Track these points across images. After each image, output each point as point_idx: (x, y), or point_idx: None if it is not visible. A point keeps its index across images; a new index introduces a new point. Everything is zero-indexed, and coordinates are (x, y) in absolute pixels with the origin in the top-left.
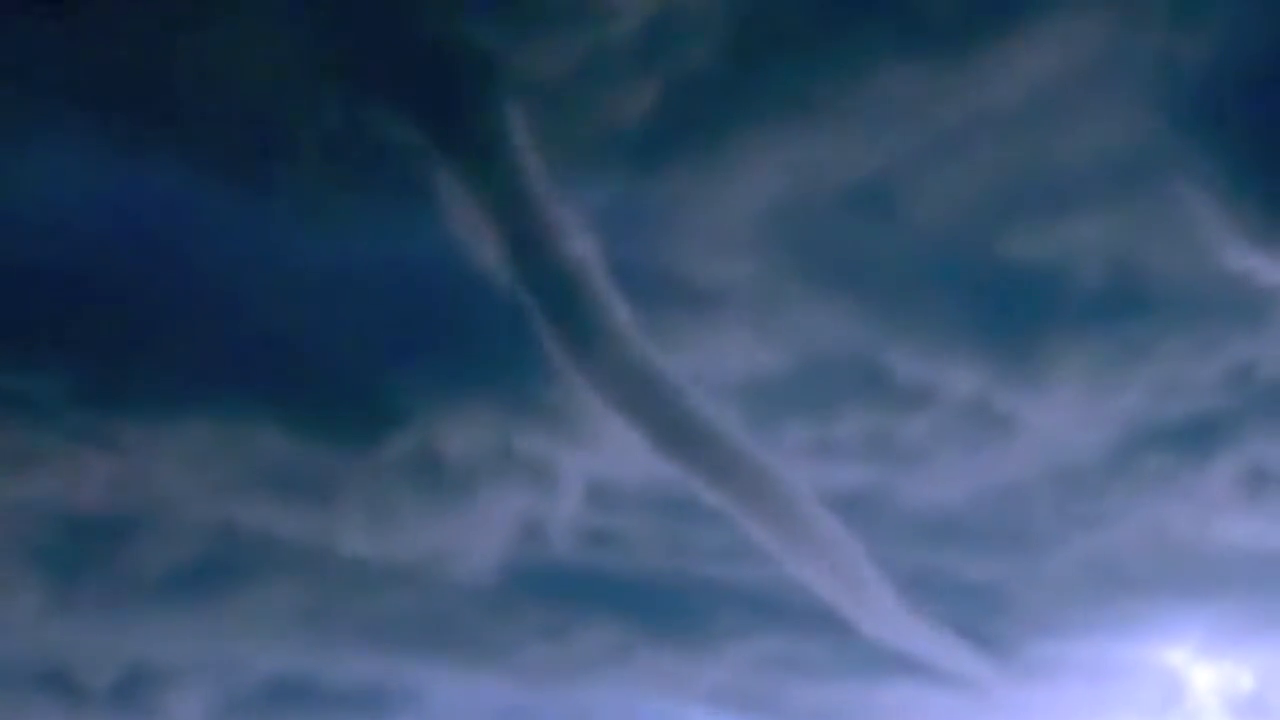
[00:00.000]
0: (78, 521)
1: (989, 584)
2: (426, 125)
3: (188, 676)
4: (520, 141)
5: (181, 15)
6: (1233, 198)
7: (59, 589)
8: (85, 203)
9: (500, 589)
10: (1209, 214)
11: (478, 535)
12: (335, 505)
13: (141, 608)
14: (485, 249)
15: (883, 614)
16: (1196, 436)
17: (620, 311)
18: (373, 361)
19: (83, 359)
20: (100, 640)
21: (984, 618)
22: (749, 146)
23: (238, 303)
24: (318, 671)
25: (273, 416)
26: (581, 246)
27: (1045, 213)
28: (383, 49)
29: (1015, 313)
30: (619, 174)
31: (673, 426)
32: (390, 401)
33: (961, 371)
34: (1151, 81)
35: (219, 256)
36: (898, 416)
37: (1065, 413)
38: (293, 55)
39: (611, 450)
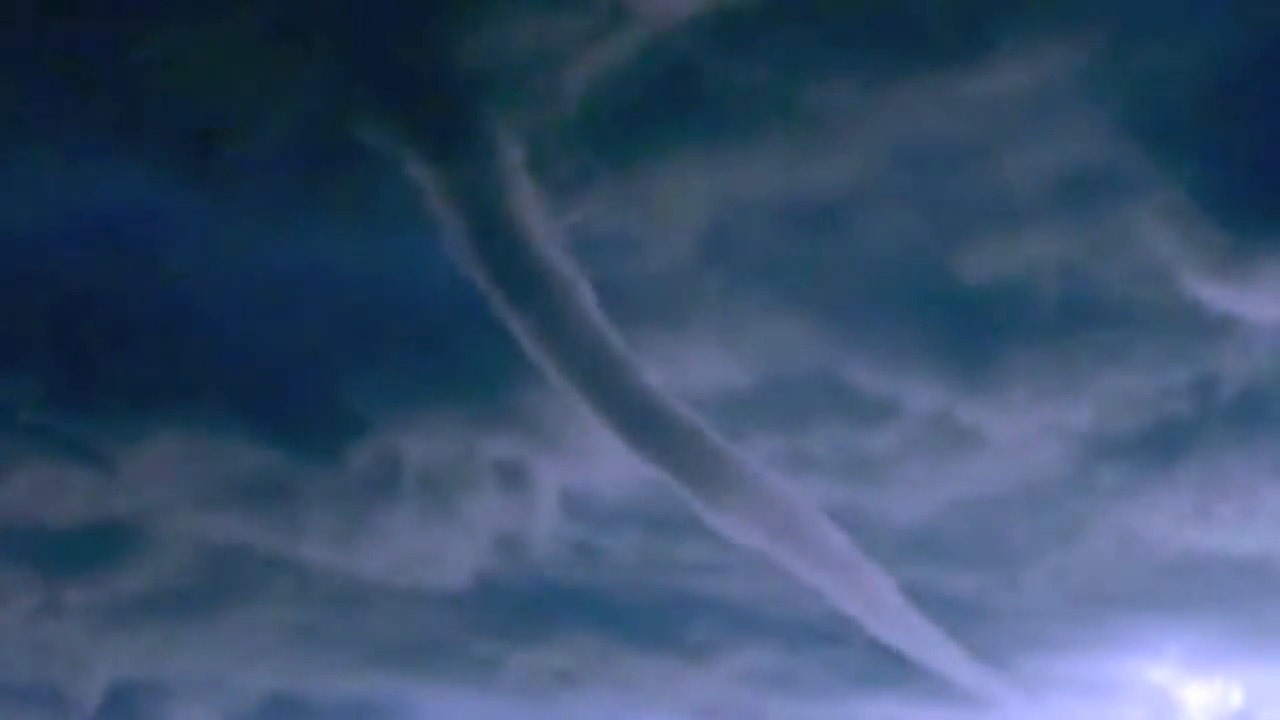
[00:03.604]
0: (47, 533)
1: (966, 598)
2: (392, 128)
3: (168, 691)
4: (489, 145)
5: (154, 20)
6: (1190, 224)
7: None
8: (53, 210)
9: (480, 601)
10: (1165, 240)
11: (456, 547)
12: (307, 517)
13: (114, 623)
14: (455, 253)
15: (889, 616)
16: (1155, 448)
17: (595, 313)
18: (346, 370)
19: (49, 367)
20: (77, 654)
21: (965, 633)
22: (700, 163)
23: (205, 310)
24: (297, 688)
25: (242, 427)
26: (554, 250)
27: (1001, 231)
28: (350, 55)
29: (972, 327)
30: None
31: (654, 431)
32: (364, 411)
33: (923, 385)
34: (1108, 103)
35: (185, 265)
36: (863, 430)
37: (1027, 425)
38: (263, 61)
39: (592, 460)
